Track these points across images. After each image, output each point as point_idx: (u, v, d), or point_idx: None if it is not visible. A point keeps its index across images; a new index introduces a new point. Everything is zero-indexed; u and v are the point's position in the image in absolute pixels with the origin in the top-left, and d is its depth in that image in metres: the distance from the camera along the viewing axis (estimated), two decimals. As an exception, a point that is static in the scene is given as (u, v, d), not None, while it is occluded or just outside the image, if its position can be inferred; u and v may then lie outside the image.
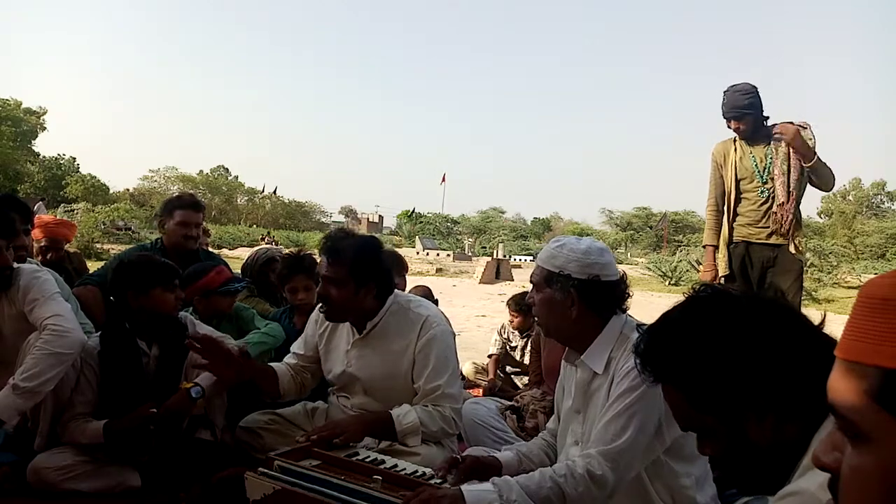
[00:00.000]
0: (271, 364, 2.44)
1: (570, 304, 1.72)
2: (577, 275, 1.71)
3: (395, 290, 2.35)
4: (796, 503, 0.82)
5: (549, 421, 2.09)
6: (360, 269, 2.18)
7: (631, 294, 1.81)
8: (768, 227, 3.59)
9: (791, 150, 3.51)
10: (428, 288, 4.65)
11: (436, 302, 4.57)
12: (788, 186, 3.52)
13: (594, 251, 1.74)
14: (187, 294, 2.84)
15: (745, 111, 3.52)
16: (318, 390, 2.61)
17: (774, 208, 3.56)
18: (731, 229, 3.72)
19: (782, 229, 3.54)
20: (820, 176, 3.57)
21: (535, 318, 1.88)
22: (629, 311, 1.82)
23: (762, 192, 3.59)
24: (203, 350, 2.16)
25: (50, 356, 2.17)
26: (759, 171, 3.60)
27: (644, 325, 1.31)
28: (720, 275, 3.74)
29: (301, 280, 3.08)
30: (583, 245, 1.76)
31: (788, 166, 3.53)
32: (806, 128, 3.56)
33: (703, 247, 3.97)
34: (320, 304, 2.29)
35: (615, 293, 1.76)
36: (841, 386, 0.58)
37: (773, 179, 3.56)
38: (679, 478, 1.68)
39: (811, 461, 0.65)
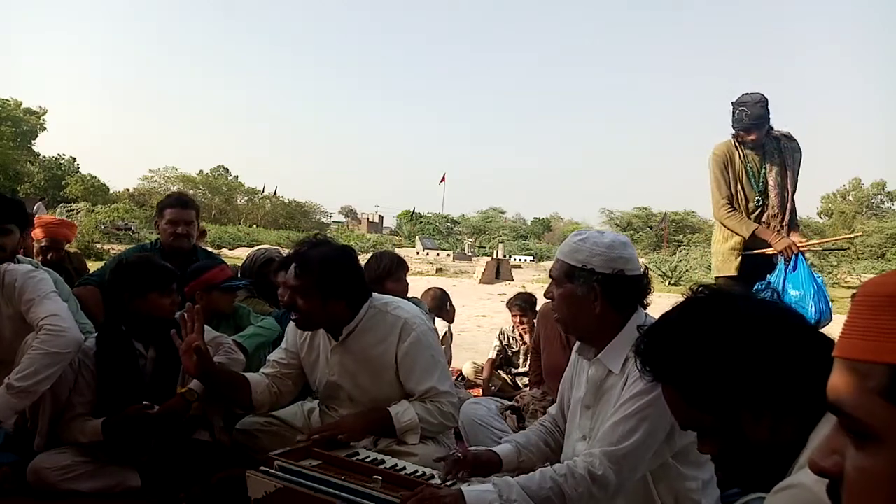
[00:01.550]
0: (246, 374, 2.37)
1: (594, 298, 1.69)
2: (600, 269, 1.67)
3: (373, 294, 2.31)
4: (792, 496, 0.82)
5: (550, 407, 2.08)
6: (326, 283, 2.13)
7: (652, 290, 1.78)
8: None
9: (786, 163, 3.62)
10: (441, 290, 4.63)
11: (452, 308, 4.57)
12: (783, 198, 3.62)
13: (618, 245, 1.70)
14: (190, 288, 2.87)
15: (764, 121, 3.56)
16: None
17: (766, 219, 3.64)
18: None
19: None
20: None
21: (555, 315, 1.84)
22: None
23: (758, 200, 3.66)
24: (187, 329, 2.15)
25: (46, 356, 2.16)
26: (757, 181, 3.67)
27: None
28: (730, 275, 3.70)
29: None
30: (606, 239, 1.72)
31: (784, 179, 3.62)
32: (793, 138, 3.68)
33: (750, 237, 3.61)
34: (291, 313, 2.24)
35: (638, 288, 1.73)
36: (845, 386, 0.57)
37: (768, 190, 3.64)
38: (686, 481, 1.66)
39: (808, 466, 0.63)
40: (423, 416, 2.17)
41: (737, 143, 3.69)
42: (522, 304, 4.32)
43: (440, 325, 4.21)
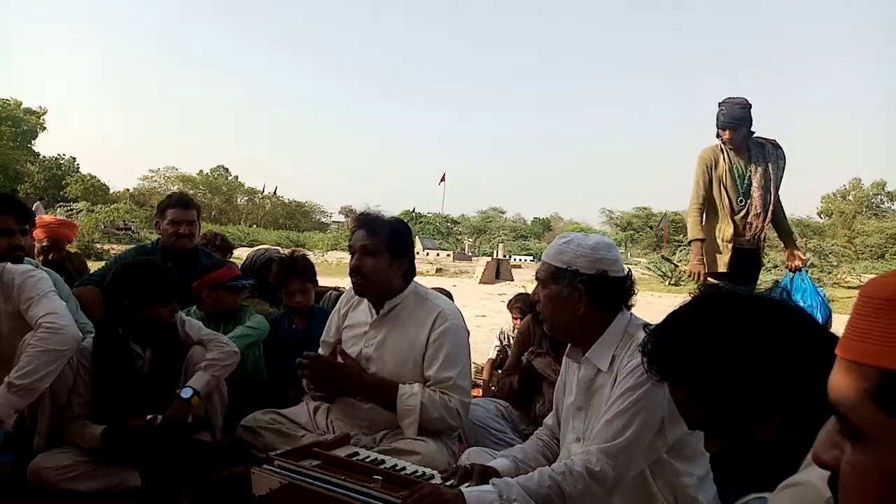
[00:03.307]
0: None
1: (578, 299, 1.72)
2: (585, 270, 1.72)
3: (416, 280, 2.41)
4: (796, 493, 0.82)
5: (547, 416, 2.10)
6: (395, 242, 2.29)
7: (636, 291, 1.82)
8: (745, 234, 3.89)
9: (769, 167, 3.85)
10: (447, 291, 4.64)
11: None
12: (765, 200, 3.83)
13: (602, 247, 1.75)
14: (198, 286, 2.95)
15: (739, 122, 3.77)
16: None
17: (750, 219, 3.86)
18: (735, 226, 3.89)
19: (755, 239, 3.89)
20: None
21: (541, 316, 1.87)
22: (632, 310, 1.82)
23: (741, 200, 3.87)
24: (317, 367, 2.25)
25: (44, 353, 2.17)
26: (741, 183, 3.87)
27: (650, 324, 1.32)
28: (719, 271, 3.87)
29: (296, 283, 3.14)
30: (591, 241, 1.77)
31: (767, 182, 3.84)
32: (778, 146, 3.89)
33: (690, 243, 4.04)
34: (352, 278, 2.35)
35: (622, 289, 1.77)
36: (841, 385, 0.58)
37: (751, 191, 3.85)
38: (681, 476, 1.68)
39: (811, 458, 0.65)
40: (426, 404, 2.18)
41: (723, 146, 3.88)
42: (523, 306, 4.32)
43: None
